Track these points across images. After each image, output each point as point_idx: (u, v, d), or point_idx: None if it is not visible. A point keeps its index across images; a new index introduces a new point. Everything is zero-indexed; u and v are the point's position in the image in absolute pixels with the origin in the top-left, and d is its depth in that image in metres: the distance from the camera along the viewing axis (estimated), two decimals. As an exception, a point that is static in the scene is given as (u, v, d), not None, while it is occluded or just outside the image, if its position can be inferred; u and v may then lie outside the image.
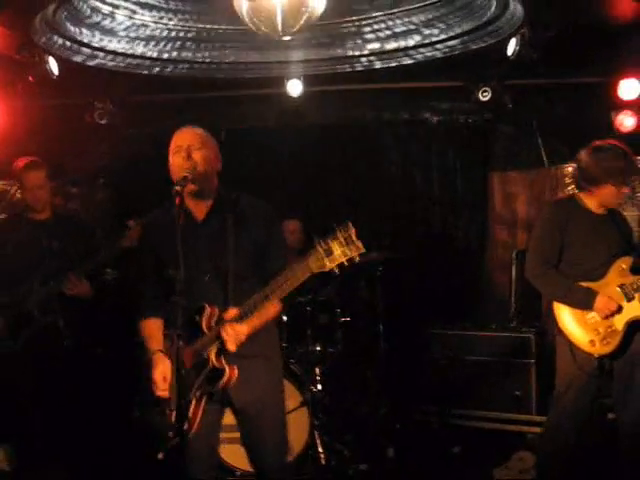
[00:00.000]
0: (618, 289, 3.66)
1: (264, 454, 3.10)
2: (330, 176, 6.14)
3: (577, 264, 3.73)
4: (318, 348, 4.91)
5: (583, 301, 3.67)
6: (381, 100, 6.11)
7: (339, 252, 2.56)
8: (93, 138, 5.75)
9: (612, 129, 5.39)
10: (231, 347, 2.81)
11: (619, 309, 3.63)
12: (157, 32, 5.02)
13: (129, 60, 5.19)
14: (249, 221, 3.01)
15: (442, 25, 4.89)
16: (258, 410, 3.02)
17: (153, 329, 3.06)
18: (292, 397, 4.36)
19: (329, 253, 2.57)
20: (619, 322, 3.64)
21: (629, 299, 3.65)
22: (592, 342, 3.65)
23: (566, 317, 3.72)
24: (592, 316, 3.66)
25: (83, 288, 4.24)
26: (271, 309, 2.90)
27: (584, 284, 3.69)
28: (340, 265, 2.60)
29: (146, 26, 4.94)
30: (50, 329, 4.24)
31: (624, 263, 3.70)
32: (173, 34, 5.05)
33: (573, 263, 3.74)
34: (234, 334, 2.80)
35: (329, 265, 2.58)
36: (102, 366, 4.68)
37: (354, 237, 2.57)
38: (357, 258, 2.58)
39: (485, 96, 5.47)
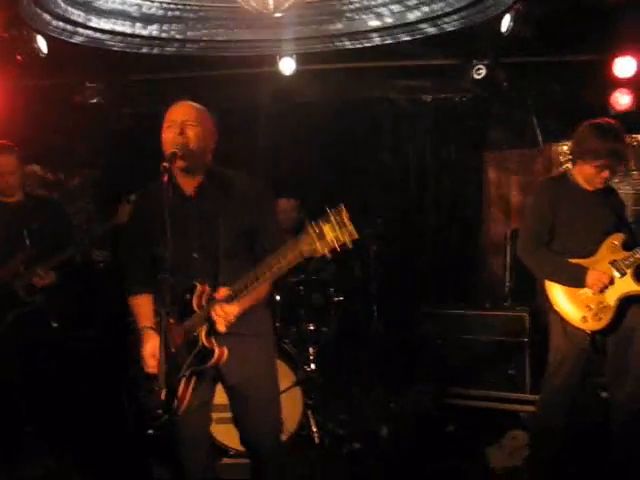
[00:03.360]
0: (610, 265, 3.65)
1: (256, 435, 3.08)
2: (323, 155, 6.10)
3: (569, 241, 3.72)
4: (311, 328, 4.91)
5: (574, 278, 3.66)
6: (375, 78, 6.07)
7: (331, 237, 2.47)
8: (83, 118, 5.70)
9: (607, 107, 5.36)
10: (220, 328, 2.79)
11: (611, 283, 3.63)
12: (148, 10, 4.96)
13: (119, 39, 5.14)
14: (241, 199, 2.96)
15: (436, 1, 4.84)
16: (250, 389, 3.00)
17: (142, 305, 3.04)
18: (285, 377, 4.36)
19: (321, 237, 2.48)
20: (611, 298, 3.63)
21: (621, 275, 3.63)
22: (584, 318, 3.65)
23: (558, 294, 3.71)
24: (584, 292, 3.66)
25: (50, 279, 4.26)
26: (261, 289, 2.86)
27: (575, 261, 3.68)
28: (332, 250, 2.52)
29: (136, 4, 4.89)
30: (35, 311, 4.26)
31: (616, 239, 3.69)
32: (163, 12, 4.99)
33: (565, 240, 3.73)
34: (224, 314, 2.77)
35: (321, 250, 2.50)
36: (92, 347, 4.67)
37: (347, 221, 2.47)
38: (350, 244, 2.49)
39: (479, 74, 5.45)
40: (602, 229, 3.72)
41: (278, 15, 3.98)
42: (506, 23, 4.65)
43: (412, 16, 5.04)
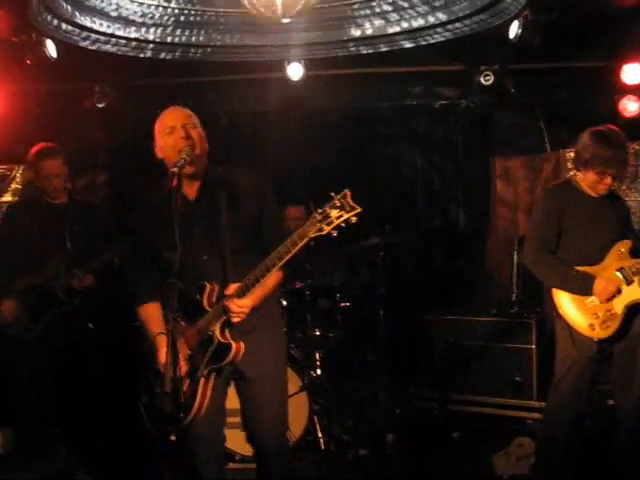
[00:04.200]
0: (617, 273, 3.64)
1: (264, 427, 3.09)
2: (331, 160, 6.09)
3: (576, 249, 3.71)
4: (318, 333, 4.91)
5: (581, 287, 3.64)
6: (383, 84, 6.07)
7: (335, 215, 2.56)
8: (92, 122, 5.72)
9: (615, 114, 5.35)
10: (236, 321, 2.83)
11: (619, 291, 3.62)
12: (156, 15, 4.98)
13: (128, 43, 5.16)
14: (241, 195, 2.99)
15: (444, 8, 4.85)
16: (262, 382, 3.04)
17: (152, 313, 3.06)
18: (292, 382, 4.34)
19: (326, 217, 2.57)
20: (618, 306, 3.62)
21: (628, 282, 3.62)
22: (591, 326, 3.63)
23: (565, 301, 3.70)
24: (591, 300, 3.64)
25: (89, 282, 4.28)
26: (273, 278, 2.87)
27: (582, 269, 3.67)
28: (337, 228, 2.58)
29: (145, 9, 4.91)
30: (72, 312, 4.28)
31: (623, 247, 3.68)
32: (172, 18, 5.02)
33: (572, 248, 3.72)
34: (237, 309, 2.80)
35: (326, 229, 2.57)
36: (115, 351, 4.68)
37: (350, 200, 2.58)
38: (353, 219, 2.58)
39: (487, 80, 5.45)
40: (609, 236, 3.71)
41: (286, 21, 3.99)
42: (514, 30, 4.65)
43: (421, 22, 5.06)
